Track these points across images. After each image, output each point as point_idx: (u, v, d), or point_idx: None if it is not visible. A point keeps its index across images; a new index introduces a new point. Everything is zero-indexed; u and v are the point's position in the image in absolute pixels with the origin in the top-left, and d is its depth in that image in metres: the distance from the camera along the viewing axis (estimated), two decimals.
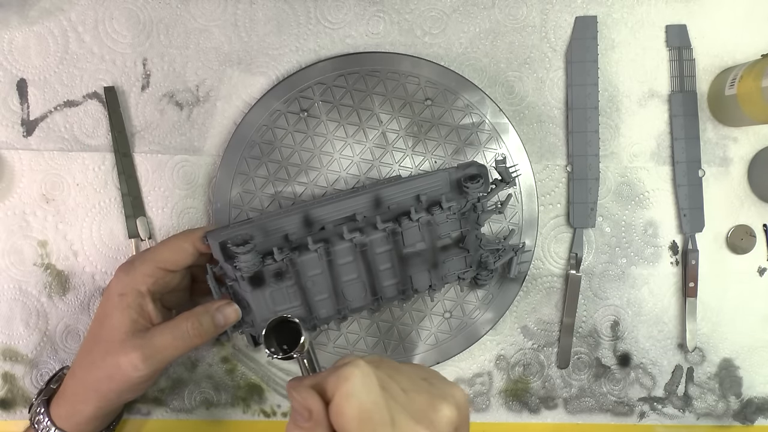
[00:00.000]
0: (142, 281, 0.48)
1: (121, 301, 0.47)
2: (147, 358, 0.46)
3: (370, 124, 0.58)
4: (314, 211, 0.50)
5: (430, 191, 0.51)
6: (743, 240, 0.61)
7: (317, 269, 0.50)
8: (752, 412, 0.62)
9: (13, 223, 0.58)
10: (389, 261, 0.51)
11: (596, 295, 0.61)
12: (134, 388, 0.48)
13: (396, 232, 0.50)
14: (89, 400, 0.48)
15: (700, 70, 0.61)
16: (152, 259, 0.48)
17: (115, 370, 0.46)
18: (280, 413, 0.60)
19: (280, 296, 0.50)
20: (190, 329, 0.47)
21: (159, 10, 0.59)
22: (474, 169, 0.52)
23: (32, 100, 0.58)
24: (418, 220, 0.50)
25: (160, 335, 0.47)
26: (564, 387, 0.61)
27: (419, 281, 0.53)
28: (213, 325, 0.48)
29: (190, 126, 0.59)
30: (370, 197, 0.51)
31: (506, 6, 0.60)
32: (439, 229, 0.51)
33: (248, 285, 0.48)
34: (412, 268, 0.52)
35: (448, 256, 0.53)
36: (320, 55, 0.59)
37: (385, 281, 0.52)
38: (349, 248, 0.50)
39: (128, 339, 0.46)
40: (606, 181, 0.61)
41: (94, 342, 0.48)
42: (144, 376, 0.47)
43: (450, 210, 0.51)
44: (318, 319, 0.52)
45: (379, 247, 0.50)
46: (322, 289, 0.51)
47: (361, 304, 0.52)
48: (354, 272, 0.51)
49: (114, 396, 0.48)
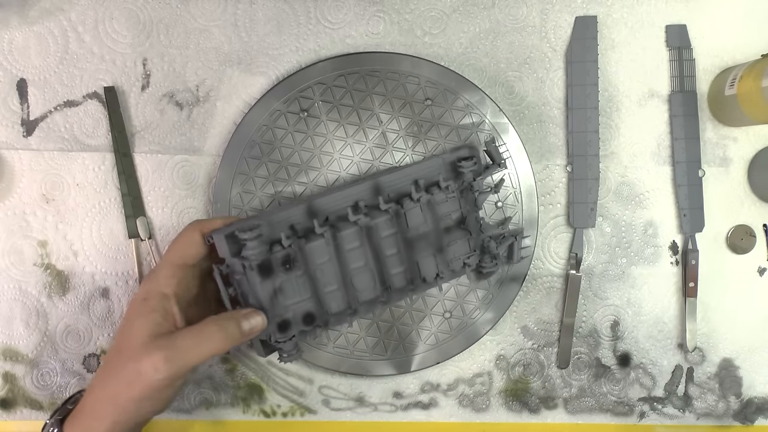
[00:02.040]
0: (165, 284, 0.47)
1: (144, 305, 0.46)
2: (168, 360, 0.44)
3: (370, 124, 0.58)
4: (317, 201, 0.51)
5: (427, 176, 0.53)
6: (743, 240, 0.61)
7: (325, 256, 0.50)
8: (752, 412, 0.62)
9: (13, 223, 0.58)
10: (395, 245, 0.52)
11: (596, 295, 0.61)
12: (154, 396, 0.46)
13: (399, 213, 0.52)
14: (106, 415, 0.46)
15: (700, 70, 0.61)
16: (167, 260, 0.48)
17: (135, 376, 0.44)
18: (280, 413, 0.60)
19: (289, 288, 0.49)
20: (216, 333, 0.45)
21: (159, 10, 0.59)
22: (466, 151, 0.55)
23: (32, 100, 0.58)
24: (419, 200, 0.52)
25: (183, 338, 0.45)
26: (564, 387, 0.61)
27: (426, 268, 0.53)
28: (239, 332, 0.46)
29: (190, 126, 0.59)
30: (370, 184, 0.52)
31: (506, 6, 0.60)
32: (440, 209, 0.53)
33: (257, 275, 0.47)
34: (418, 253, 0.53)
35: (451, 239, 0.54)
36: (320, 55, 0.59)
37: (393, 268, 0.53)
38: (355, 232, 0.50)
39: (151, 341, 0.45)
40: (606, 181, 0.61)
41: (116, 352, 0.47)
42: (164, 379, 0.44)
43: (448, 189, 0.53)
44: (330, 315, 0.51)
45: (384, 230, 0.51)
46: (331, 279, 0.51)
47: (371, 296, 0.52)
48: (361, 259, 0.51)
49: (132, 407, 0.45)
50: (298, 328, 0.50)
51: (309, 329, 0.50)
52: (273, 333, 0.49)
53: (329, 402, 0.60)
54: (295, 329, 0.50)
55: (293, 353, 0.50)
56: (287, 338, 0.49)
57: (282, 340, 0.49)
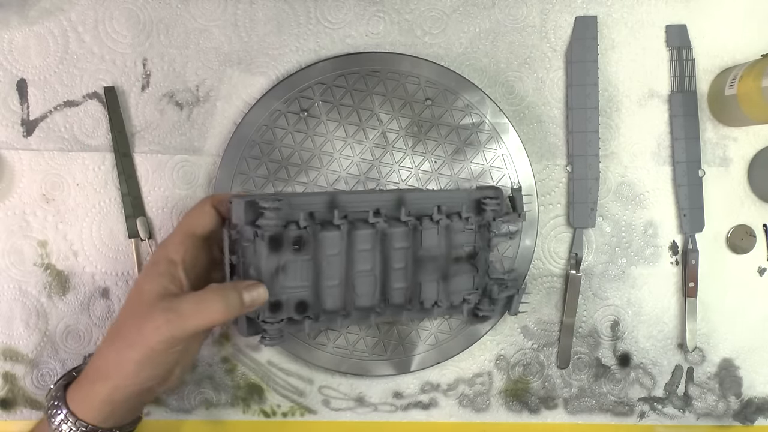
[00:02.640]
0: (174, 250, 0.48)
1: (153, 269, 0.48)
2: (169, 321, 0.45)
3: (370, 124, 0.58)
4: (341, 196, 0.51)
5: (450, 204, 0.54)
6: (743, 240, 0.61)
7: (336, 249, 0.50)
8: (752, 412, 0.62)
9: (13, 223, 0.58)
10: (404, 260, 0.52)
11: (596, 295, 0.61)
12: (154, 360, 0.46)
13: (417, 229, 0.52)
14: (107, 378, 0.46)
15: (700, 70, 0.61)
16: (179, 229, 0.49)
17: (137, 335, 0.45)
18: (280, 413, 0.60)
19: (292, 271, 0.49)
20: (217, 301, 0.46)
21: (159, 10, 0.59)
22: (492, 191, 0.55)
23: (32, 100, 0.58)
24: (438, 222, 0.52)
25: (186, 302, 0.46)
26: (564, 387, 0.61)
27: (427, 292, 0.54)
28: (239, 302, 0.47)
29: (190, 126, 0.59)
30: (394, 196, 0.52)
31: (506, 6, 0.60)
32: (455, 238, 0.54)
33: (266, 247, 0.48)
34: (423, 275, 0.53)
35: (458, 270, 0.54)
36: (320, 55, 0.59)
37: (396, 283, 0.53)
38: (371, 235, 0.51)
39: (156, 302, 0.46)
40: (606, 181, 0.61)
41: (123, 314, 0.48)
42: (164, 342, 0.45)
43: (468, 221, 0.53)
44: (323, 310, 0.51)
45: (398, 241, 0.52)
46: (335, 274, 0.51)
47: (367, 303, 0.52)
48: (369, 263, 0.52)
49: (133, 369, 0.46)
50: (290, 313, 0.50)
51: (299, 318, 0.50)
52: (263, 311, 0.49)
53: (329, 402, 0.60)
54: (285, 313, 0.50)
55: (276, 338, 0.50)
56: (276, 320, 0.49)
57: (270, 321, 0.49)
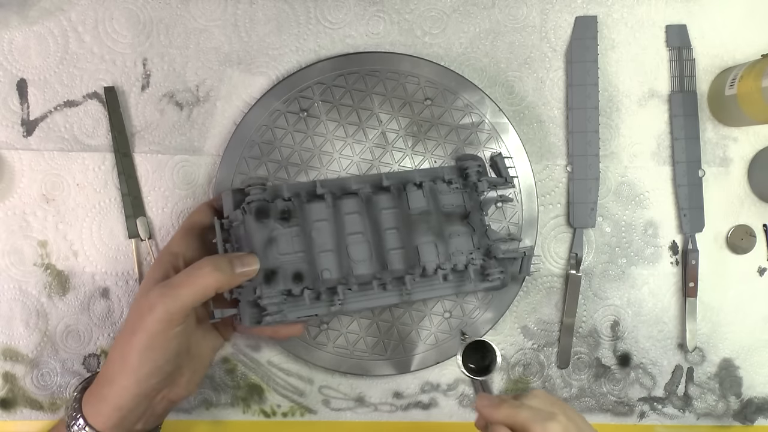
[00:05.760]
0: (176, 244, 0.51)
1: (157, 263, 0.51)
2: (163, 296, 0.45)
3: (369, 124, 0.58)
4: (325, 180, 0.54)
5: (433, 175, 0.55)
6: (743, 240, 0.61)
7: (322, 215, 0.52)
8: (752, 412, 0.62)
9: (13, 223, 0.58)
10: (394, 221, 0.53)
11: (596, 295, 0.61)
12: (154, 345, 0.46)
13: (401, 191, 0.53)
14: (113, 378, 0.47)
15: (700, 70, 0.61)
16: (181, 227, 0.53)
17: (138, 321, 0.45)
18: (280, 413, 0.60)
19: (283, 241, 0.51)
20: (208, 271, 0.46)
21: (159, 10, 0.59)
22: (471, 157, 0.57)
23: (32, 100, 0.58)
24: (421, 185, 0.53)
25: (177, 275, 0.47)
26: (564, 387, 0.61)
27: (426, 255, 0.53)
28: (230, 271, 0.47)
29: (190, 126, 0.59)
30: (374, 179, 0.54)
31: (506, 6, 0.60)
32: (443, 199, 0.54)
33: (253, 219, 0.50)
34: (418, 237, 0.53)
35: (453, 230, 0.54)
36: (320, 55, 0.59)
37: (390, 244, 0.53)
38: (356, 201, 0.53)
39: (155, 287, 0.46)
40: (606, 181, 0.61)
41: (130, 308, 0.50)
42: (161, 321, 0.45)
43: (451, 183, 0.54)
44: (322, 282, 0.51)
45: (384, 203, 0.53)
46: (326, 241, 0.51)
47: (367, 269, 0.52)
48: (359, 226, 0.52)
49: (136, 360, 0.46)
50: (287, 285, 0.50)
51: (297, 291, 0.50)
52: (260, 285, 0.49)
53: (329, 402, 0.60)
54: (282, 284, 0.50)
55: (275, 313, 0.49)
56: (273, 292, 0.49)
57: (267, 295, 0.49)
